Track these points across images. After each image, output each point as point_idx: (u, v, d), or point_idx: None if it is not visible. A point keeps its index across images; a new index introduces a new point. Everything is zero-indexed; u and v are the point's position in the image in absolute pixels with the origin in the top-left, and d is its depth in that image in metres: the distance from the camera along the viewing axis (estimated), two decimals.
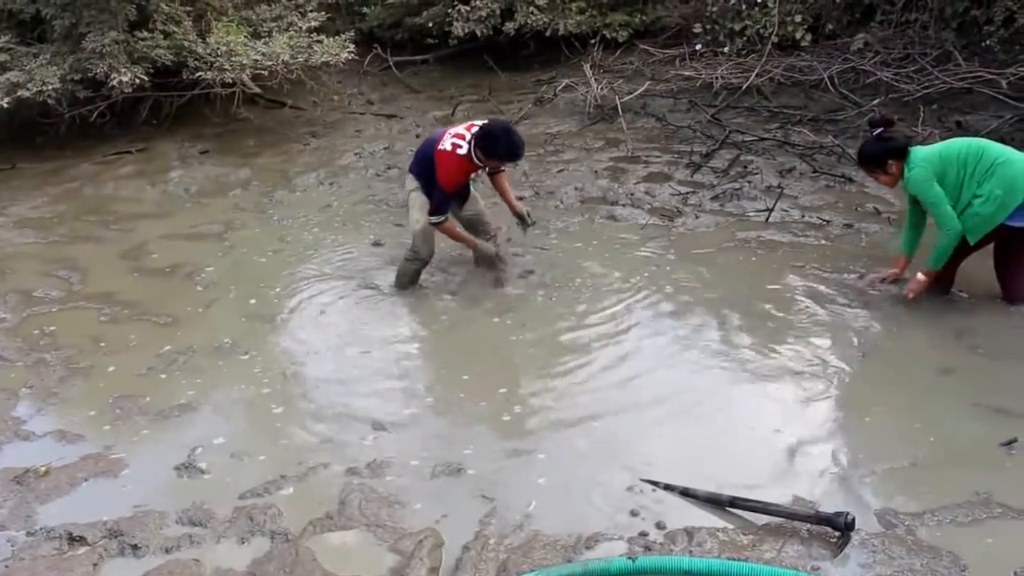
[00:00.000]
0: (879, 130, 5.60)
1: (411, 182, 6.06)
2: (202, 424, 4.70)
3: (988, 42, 9.44)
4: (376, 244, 6.90)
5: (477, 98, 11.30)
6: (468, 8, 11.76)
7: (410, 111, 10.97)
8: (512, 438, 4.48)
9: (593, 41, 11.99)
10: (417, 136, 9.84)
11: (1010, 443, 4.31)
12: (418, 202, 5.98)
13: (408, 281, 6.13)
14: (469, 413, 4.71)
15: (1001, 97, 8.75)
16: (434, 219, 5.93)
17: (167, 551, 3.73)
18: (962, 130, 8.64)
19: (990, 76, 9.03)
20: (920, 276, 5.54)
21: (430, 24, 12.32)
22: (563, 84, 10.67)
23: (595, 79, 10.39)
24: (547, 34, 11.89)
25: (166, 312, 5.98)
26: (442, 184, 5.83)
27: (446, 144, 5.81)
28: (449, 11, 11.91)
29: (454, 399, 4.86)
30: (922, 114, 8.89)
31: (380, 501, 3.99)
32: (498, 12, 11.79)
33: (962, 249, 5.51)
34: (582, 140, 9.28)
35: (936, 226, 5.41)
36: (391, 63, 12.64)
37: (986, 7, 9.53)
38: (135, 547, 3.75)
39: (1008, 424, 4.45)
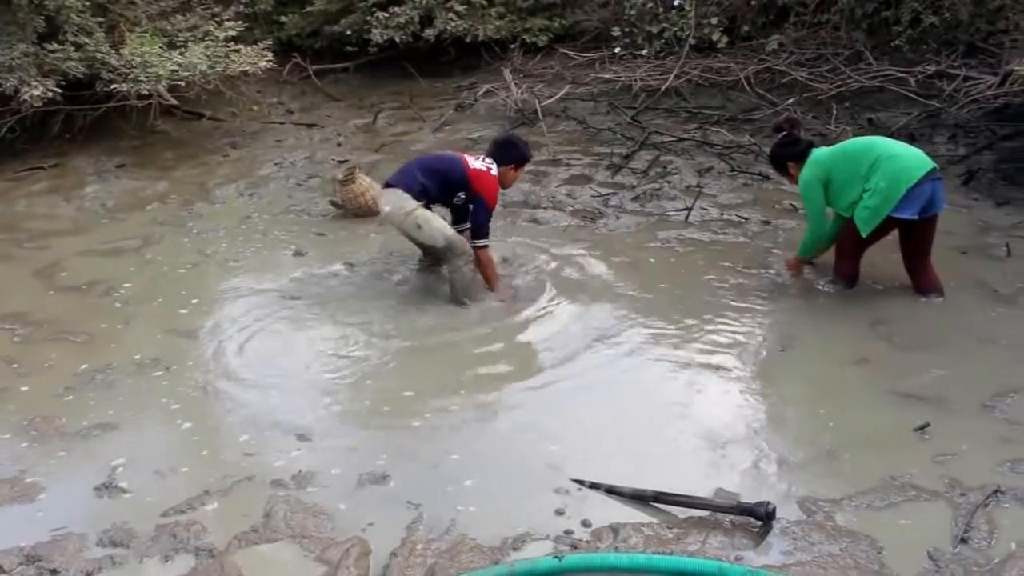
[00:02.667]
0: (782, 135, 5.93)
1: (407, 200, 5.79)
2: (123, 442, 4.58)
3: (897, 42, 9.72)
4: (298, 254, 6.83)
5: (398, 105, 11.25)
6: (387, 15, 11.72)
7: (331, 120, 10.88)
8: (438, 443, 4.45)
9: (513, 46, 12.03)
10: (339, 145, 9.77)
11: (923, 428, 4.43)
12: (428, 215, 5.84)
13: (470, 285, 5.96)
14: (394, 421, 4.67)
15: (910, 95, 9.01)
16: (481, 243, 5.91)
17: (88, 574, 3.64)
18: (874, 127, 8.85)
19: (899, 75, 9.30)
20: (791, 259, 6.14)
21: (349, 32, 12.23)
22: (484, 89, 10.68)
23: (515, 84, 10.43)
24: (467, 40, 11.89)
25: (83, 330, 5.82)
26: (490, 203, 5.87)
27: (479, 165, 5.83)
28: (368, 19, 11.85)
29: (379, 408, 4.81)
30: (835, 112, 9.09)
31: (306, 512, 3.94)
32: (417, 19, 11.76)
33: (860, 242, 5.68)
34: None
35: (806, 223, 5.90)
36: (311, 72, 12.52)
37: (894, 8, 9.79)
38: (54, 572, 3.64)
39: (920, 410, 4.58)
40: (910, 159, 5.49)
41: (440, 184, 5.86)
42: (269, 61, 10.06)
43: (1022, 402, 4.67)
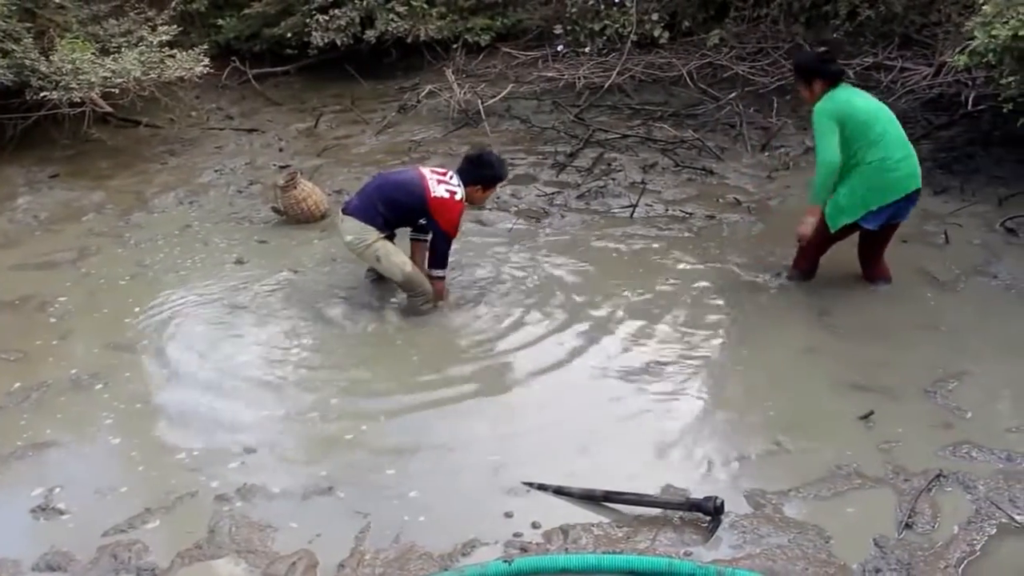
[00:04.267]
0: (823, 49, 5.69)
1: (369, 232, 5.68)
2: (60, 462, 4.45)
3: (835, 35, 9.79)
4: (240, 262, 6.72)
5: (340, 108, 11.14)
6: (327, 17, 11.61)
7: (272, 124, 10.74)
8: (384, 452, 4.40)
9: (455, 46, 11.98)
10: (280, 150, 9.66)
11: (867, 416, 4.48)
12: (389, 248, 5.74)
13: (429, 311, 5.85)
14: (340, 430, 4.61)
15: (849, 86, 9.03)
16: (438, 273, 5.83)
17: None
18: None
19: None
20: (805, 218, 5.65)
21: (289, 35, 12.09)
22: (426, 90, 10.61)
23: (458, 84, 10.38)
24: (408, 41, 11.81)
25: (16, 348, 5.64)
26: (451, 234, 5.75)
27: (440, 192, 5.63)
28: (308, 21, 11.72)
29: (325, 417, 4.74)
30: (776, 105, 9.15)
31: (251, 526, 3.88)
32: (358, 20, 11.66)
33: (827, 238, 5.66)
34: (447, 146, 9.24)
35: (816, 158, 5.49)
36: (250, 76, 12.37)
37: (832, 2, 9.89)
38: None
39: (865, 399, 4.64)
40: (901, 170, 5.41)
41: (401, 214, 5.77)
42: (206, 66, 9.88)
43: (962, 388, 4.75)
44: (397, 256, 5.74)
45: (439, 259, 5.78)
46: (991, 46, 6.65)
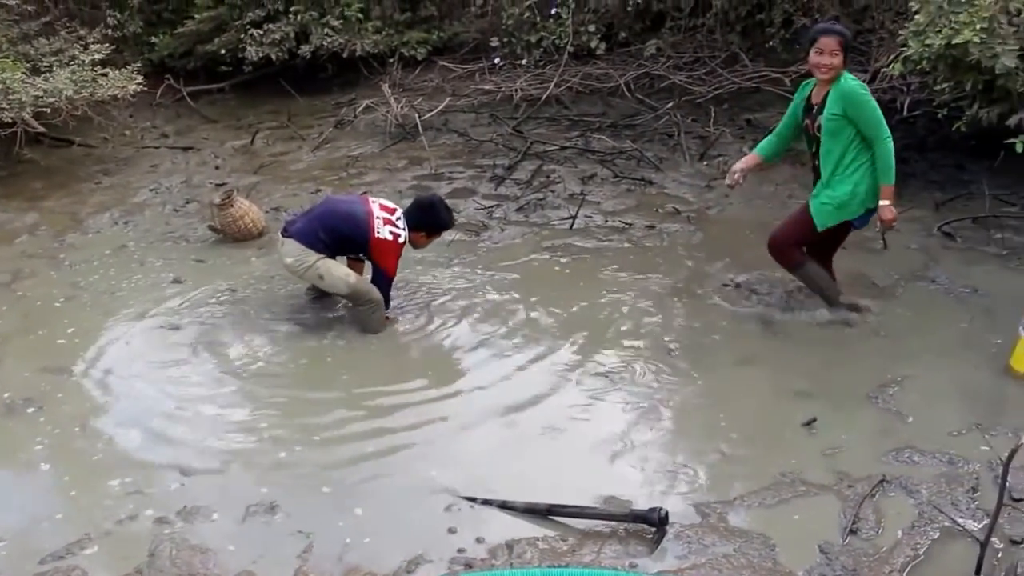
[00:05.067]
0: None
1: (308, 254, 5.58)
2: None
3: (771, 43, 9.92)
4: (177, 282, 6.59)
5: (277, 124, 11.01)
6: (261, 32, 11.50)
7: (207, 142, 10.59)
8: (327, 469, 4.33)
9: (392, 60, 11.93)
10: (216, 168, 9.51)
11: (810, 423, 4.50)
12: (330, 264, 5.65)
13: (381, 321, 5.77)
14: (281, 449, 4.52)
15: (786, 95, 9.11)
16: (386, 314, 5.79)
17: None
18: (752, 127, 9.01)
19: (774, 75, 9.49)
20: (885, 202, 5.26)
21: (223, 51, 11.96)
22: (363, 105, 10.54)
23: (395, 98, 10.33)
24: (344, 55, 11.73)
25: None
26: (391, 275, 5.71)
27: (384, 233, 5.58)
28: (242, 37, 11.61)
29: (265, 436, 4.65)
30: (713, 114, 9.22)
31: (192, 549, 3.78)
32: (292, 35, 11.56)
33: (809, 235, 5.49)
34: (385, 161, 9.18)
35: (874, 140, 5.17)
36: (185, 93, 12.19)
37: (767, 11, 9.98)
38: None
39: (808, 406, 4.66)
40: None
41: (342, 245, 5.71)
42: (140, 84, 9.73)
43: (904, 392, 4.79)
44: (339, 269, 5.68)
45: (386, 299, 5.76)
46: (925, 54, 6.74)
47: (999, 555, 3.63)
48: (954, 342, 5.27)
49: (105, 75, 9.54)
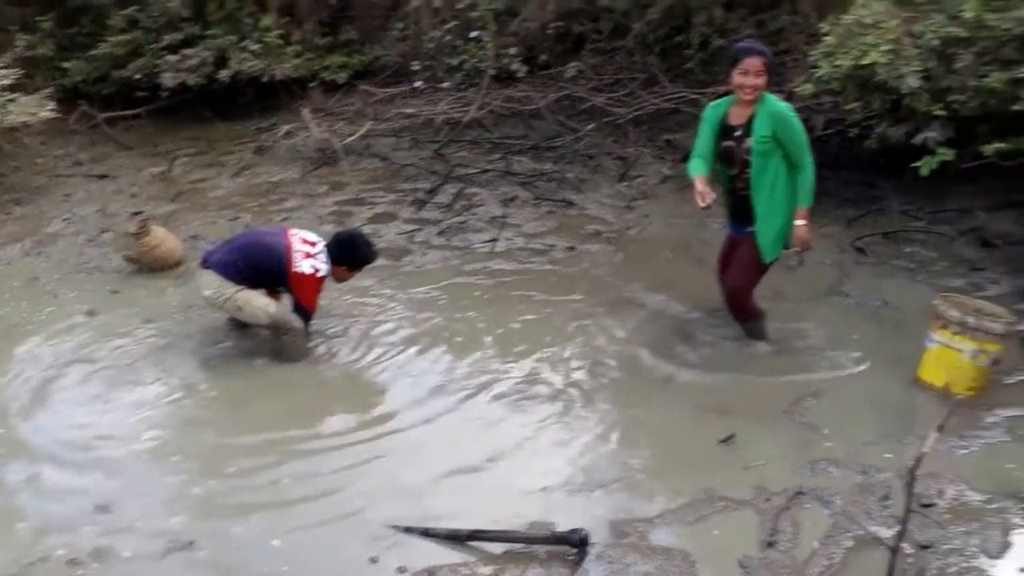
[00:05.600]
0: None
1: (227, 286, 5.51)
2: None
3: (689, 64, 10.05)
4: (91, 314, 6.42)
5: (195, 151, 10.81)
6: (177, 58, 11.32)
7: (124, 169, 10.32)
8: (244, 503, 4.27)
9: (312, 84, 11.84)
10: (133, 196, 9.31)
11: (728, 439, 4.55)
12: (249, 295, 5.55)
13: (304, 349, 5.71)
14: (199, 483, 4.44)
15: None
16: (308, 343, 5.73)
17: None
18: (672, 148, 9.11)
19: (693, 96, 9.59)
20: (802, 222, 5.23)
21: (139, 76, 11.74)
22: (283, 130, 10.40)
23: (316, 123, 10.24)
24: (264, 80, 11.61)
25: None
26: (311, 309, 5.65)
27: (304, 267, 5.51)
28: (157, 62, 11.43)
29: (182, 470, 4.57)
30: (633, 135, 9.32)
31: None
32: (211, 60, 11.38)
33: (762, 273, 5.48)
34: (306, 186, 9.08)
35: (800, 163, 5.17)
36: (100, 120, 11.94)
37: (685, 33, 10.12)
38: None
39: (725, 422, 4.73)
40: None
41: (261, 277, 5.63)
42: (52, 110, 9.50)
43: (818, 405, 4.90)
44: (258, 300, 5.60)
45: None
46: (835, 75, 6.92)
47: (909, 560, 3.73)
48: (866, 355, 5.40)
49: (14, 101, 9.30)
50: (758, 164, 5.17)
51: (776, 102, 5.20)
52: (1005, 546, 3.85)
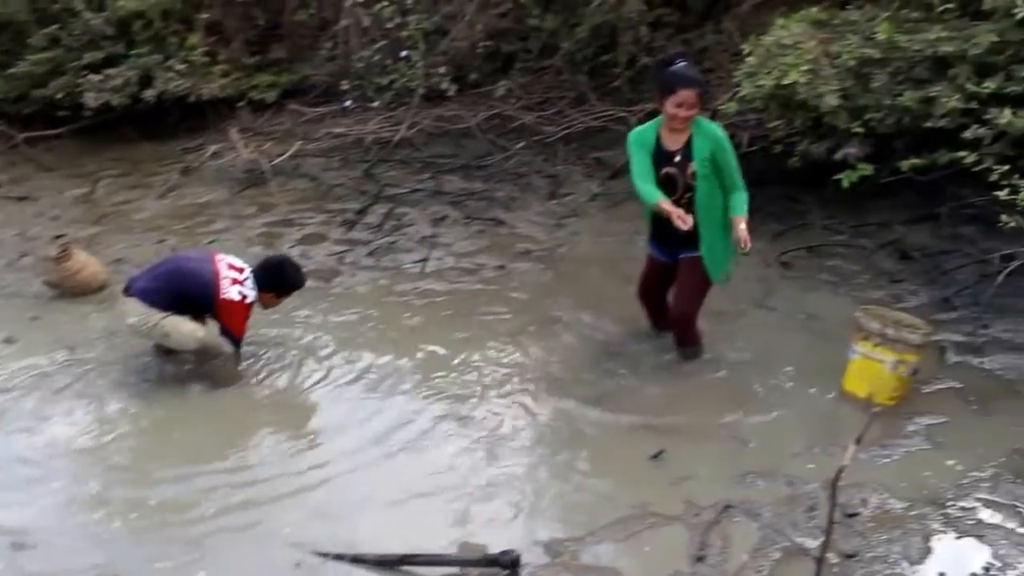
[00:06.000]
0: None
1: (153, 314, 5.41)
2: None
3: (617, 83, 10.16)
4: (9, 342, 6.27)
5: (119, 172, 10.60)
6: (100, 77, 11.14)
7: (44, 191, 10.07)
8: (171, 535, 4.22)
9: (240, 104, 11.74)
10: (54, 219, 9.12)
11: (658, 455, 4.60)
12: (176, 320, 5.46)
13: (234, 375, 5.64)
14: (123, 515, 4.38)
15: None
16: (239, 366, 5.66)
17: None
18: (601, 165, 9.21)
19: (621, 114, 9.72)
20: (743, 225, 5.19)
21: (60, 95, 11.53)
22: (211, 151, 10.28)
23: (243, 143, 10.15)
24: (191, 100, 11.48)
25: None
26: (239, 335, 5.59)
27: (232, 294, 5.44)
28: (80, 81, 11.23)
29: (106, 501, 4.50)
30: (562, 153, 9.40)
31: None
32: (135, 80, 11.22)
33: (706, 291, 5.55)
34: (233, 208, 8.99)
35: (734, 187, 5.24)
36: (19, 139, 11.68)
37: (612, 52, 10.25)
38: None
39: (655, 439, 4.78)
40: None
41: (187, 304, 5.55)
42: None
43: (746, 419, 4.99)
44: (186, 325, 5.52)
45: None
46: (757, 94, 7.06)
47: (835, 570, 3.81)
48: (792, 367, 5.50)
49: None
50: (703, 188, 5.19)
51: (709, 124, 5.27)
52: (926, 552, 3.96)
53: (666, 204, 5.05)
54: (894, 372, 5.01)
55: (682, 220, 4.99)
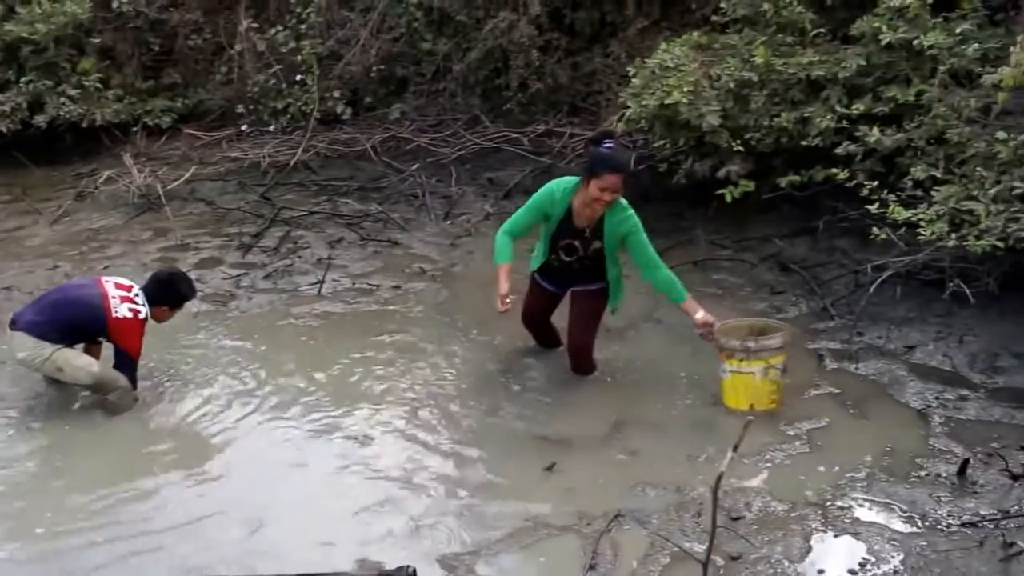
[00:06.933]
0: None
1: (43, 347, 5.29)
2: None
3: (509, 105, 10.40)
4: None
5: (10, 198, 10.35)
6: None
7: None
8: (61, 564, 4.13)
9: (135, 129, 11.60)
10: None
11: (550, 467, 4.70)
12: (69, 355, 5.37)
13: (130, 406, 5.51)
14: (8, 546, 4.28)
15: (524, 153, 9.65)
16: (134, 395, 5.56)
17: None
18: (494, 185, 9.36)
19: (513, 135, 9.94)
20: (701, 314, 5.32)
21: None
22: (104, 176, 10.12)
23: (138, 168, 10.01)
24: (84, 125, 11.31)
25: None
26: (135, 354, 5.49)
27: (123, 312, 5.35)
28: None
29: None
30: (456, 174, 9.52)
31: None
32: (25, 105, 11.02)
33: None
34: (128, 233, 8.88)
35: (655, 268, 5.42)
36: None
37: (504, 75, 10.43)
38: None
39: (548, 451, 4.87)
40: None
41: (79, 332, 5.47)
42: None
43: (635, 430, 5.11)
44: (80, 359, 5.44)
45: (134, 381, 5.57)
46: (642, 114, 7.30)
47: (720, 572, 3.94)
48: (678, 379, 5.67)
49: None
50: (604, 260, 5.47)
51: (625, 210, 5.30)
52: (806, 551, 4.09)
53: (503, 272, 5.30)
54: (765, 378, 5.18)
55: (501, 301, 5.23)
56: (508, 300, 5.27)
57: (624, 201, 5.33)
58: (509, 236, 5.44)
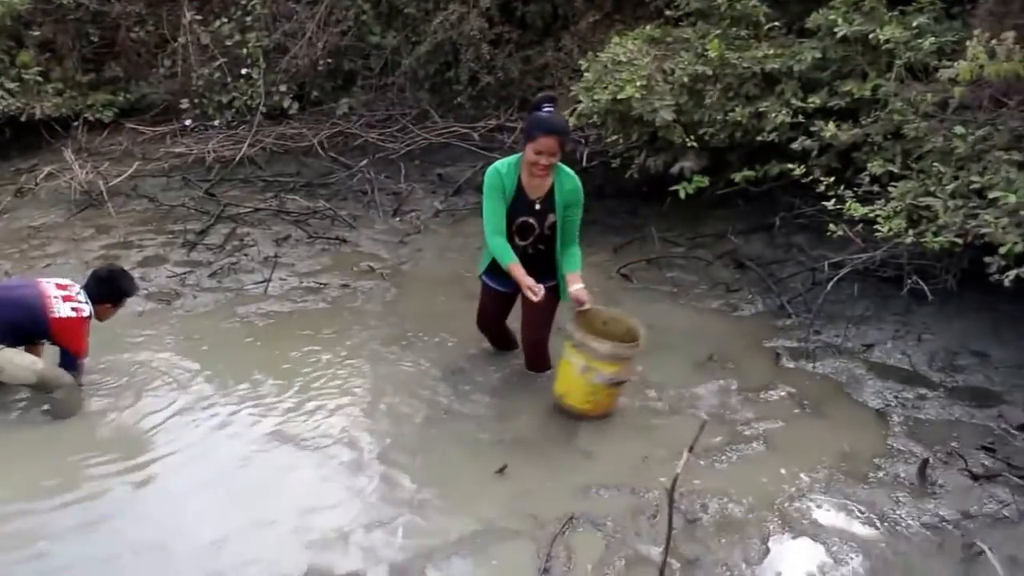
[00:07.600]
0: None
1: None
2: None
3: (459, 100, 10.28)
4: None
5: None
6: None
7: None
8: (9, 570, 3.99)
9: (76, 124, 11.34)
10: None
11: (502, 470, 4.60)
12: (8, 354, 5.16)
13: (77, 405, 5.31)
14: None
15: (474, 148, 9.51)
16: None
17: None
18: (444, 182, 9.25)
19: (463, 130, 9.84)
20: (580, 285, 5.20)
21: None
22: (45, 172, 9.87)
23: (79, 164, 9.77)
24: (23, 119, 11.04)
25: None
26: (82, 353, 5.34)
27: (64, 311, 5.17)
28: None
29: None
30: (405, 170, 9.40)
31: None
32: None
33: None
34: (70, 230, 8.63)
35: (573, 241, 5.30)
36: None
37: (454, 69, 10.32)
38: None
39: (500, 454, 4.78)
40: None
41: (18, 334, 5.27)
42: None
43: (587, 432, 5.03)
44: (22, 358, 5.24)
45: (80, 378, 5.42)
46: (595, 109, 7.21)
47: (676, 574, 3.87)
48: (631, 380, 5.56)
49: None
50: (559, 234, 5.25)
51: (570, 176, 5.19)
52: (764, 553, 4.05)
53: (519, 271, 5.09)
54: (583, 376, 5.00)
55: (533, 292, 5.01)
56: (537, 287, 5.04)
57: (571, 171, 5.22)
58: (501, 235, 5.20)
